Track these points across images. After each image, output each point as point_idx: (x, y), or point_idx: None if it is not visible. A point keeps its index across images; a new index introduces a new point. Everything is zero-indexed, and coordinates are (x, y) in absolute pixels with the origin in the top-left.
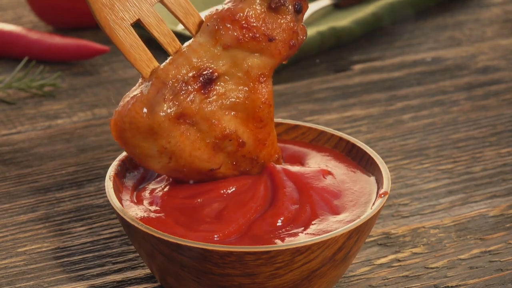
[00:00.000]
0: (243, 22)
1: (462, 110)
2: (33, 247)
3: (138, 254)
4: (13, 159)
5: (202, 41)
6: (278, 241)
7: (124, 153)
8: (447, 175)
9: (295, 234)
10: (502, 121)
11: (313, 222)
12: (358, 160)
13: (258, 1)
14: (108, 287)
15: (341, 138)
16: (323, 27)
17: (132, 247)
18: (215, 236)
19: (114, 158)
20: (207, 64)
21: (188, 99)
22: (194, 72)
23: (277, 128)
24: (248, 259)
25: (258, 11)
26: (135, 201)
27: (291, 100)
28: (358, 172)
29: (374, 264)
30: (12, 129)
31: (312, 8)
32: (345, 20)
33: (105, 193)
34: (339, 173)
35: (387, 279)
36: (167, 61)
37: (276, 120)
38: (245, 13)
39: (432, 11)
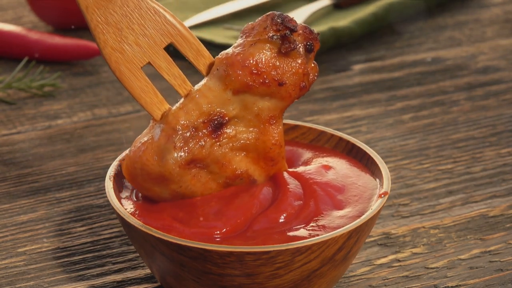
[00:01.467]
0: (253, 68)
1: (462, 110)
2: (33, 247)
3: (138, 254)
4: (13, 159)
5: (212, 86)
6: (278, 238)
7: (124, 154)
8: (447, 175)
9: (296, 230)
10: (502, 121)
11: (315, 218)
12: (358, 160)
13: (268, 46)
14: (108, 287)
15: (341, 138)
16: (323, 27)
17: (132, 247)
18: (216, 232)
19: (114, 158)
20: (218, 109)
21: (199, 144)
22: (204, 118)
23: None
24: (248, 259)
25: (268, 56)
26: (135, 199)
27: None
28: (361, 168)
29: (374, 264)
30: (12, 129)
31: (312, 8)
32: (345, 20)
33: (105, 193)
34: (342, 168)
35: (387, 279)
36: (178, 105)
37: None
38: (255, 58)
39: (432, 11)
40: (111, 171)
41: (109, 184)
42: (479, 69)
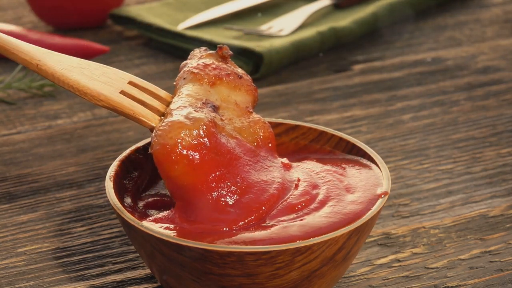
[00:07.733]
0: (213, 67)
1: (462, 110)
2: (33, 247)
3: (138, 254)
4: (13, 159)
5: (189, 88)
6: (293, 228)
7: (124, 154)
8: (447, 175)
9: (311, 220)
10: (502, 121)
11: (329, 204)
12: (359, 160)
13: (212, 58)
14: (108, 287)
15: (341, 138)
16: (323, 27)
17: (132, 247)
18: (225, 228)
19: (114, 158)
20: (205, 98)
21: (211, 115)
22: (201, 101)
23: (277, 128)
24: (248, 259)
25: (216, 61)
26: (137, 201)
27: (291, 100)
28: (358, 163)
29: (374, 264)
30: (12, 129)
31: (312, 8)
32: (345, 20)
33: (105, 193)
34: (337, 160)
35: (387, 279)
36: (171, 105)
37: (276, 120)
38: (211, 62)
39: (432, 11)
40: (111, 171)
41: (109, 184)
42: (479, 69)
